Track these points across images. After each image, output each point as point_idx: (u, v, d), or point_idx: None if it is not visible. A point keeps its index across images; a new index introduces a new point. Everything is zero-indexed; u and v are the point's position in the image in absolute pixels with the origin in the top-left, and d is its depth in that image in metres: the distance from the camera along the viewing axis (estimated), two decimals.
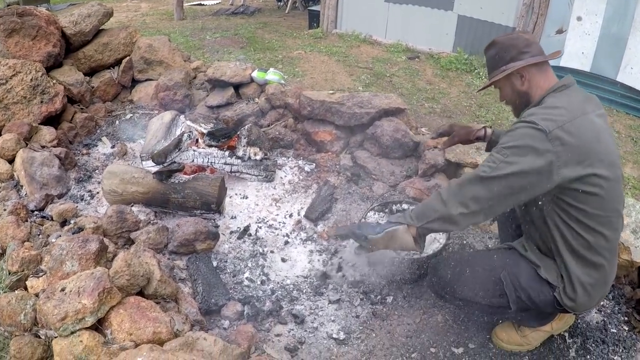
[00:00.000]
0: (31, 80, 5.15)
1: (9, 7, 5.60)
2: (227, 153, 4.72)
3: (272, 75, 5.70)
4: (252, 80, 5.75)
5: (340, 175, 4.92)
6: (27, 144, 4.73)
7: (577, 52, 6.84)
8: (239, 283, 3.68)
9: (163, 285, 3.14)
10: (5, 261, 3.31)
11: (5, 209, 3.93)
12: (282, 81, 5.75)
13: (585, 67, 6.83)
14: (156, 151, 4.44)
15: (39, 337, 2.78)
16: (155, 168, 4.34)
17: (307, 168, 5.09)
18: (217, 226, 4.20)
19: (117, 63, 6.28)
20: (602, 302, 3.54)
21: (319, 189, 4.65)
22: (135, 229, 3.89)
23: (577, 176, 2.51)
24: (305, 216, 4.39)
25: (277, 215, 4.45)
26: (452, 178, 4.61)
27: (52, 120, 5.27)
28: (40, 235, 3.75)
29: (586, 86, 6.57)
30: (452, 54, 8.24)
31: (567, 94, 2.71)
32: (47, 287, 2.81)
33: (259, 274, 3.78)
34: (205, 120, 5.42)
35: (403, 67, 7.61)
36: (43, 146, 4.82)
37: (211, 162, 4.67)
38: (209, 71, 5.83)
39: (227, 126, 5.24)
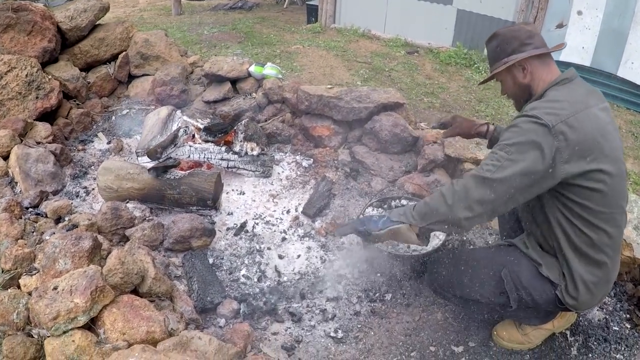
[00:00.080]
0: (26, 76, 5.10)
1: (4, 2, 5.54)
2: (223, 148, 4.68)
3: (269, 69, 5.65)
4: (249, 74, 5.69)
5: (339, 171, 4.87)
6: (22, 140, 4.68)
7: (577, 46, 6.80)
8: (235, 280, 3.64)
9: (158, 283, 3.09)
10: None
11: None
12: (280, 76, 5.70)
13: (586, 61, 6.79)
14: (151, 147, 4.38)
15: (32, 336, 2.72)
16: (151, 164, 4.30)
17: (304, 163, 5.04)
18: (213, 222, 4.15)
19: (114, 58, 6.23)
20: (604, 300, 3.50)
21: (316, 185, 4.61)
22: (130, 226, 3.84)
23: (581, 171, 2.46)
24: (303, 212, 4.35)
25: (274, 211, 4.41)
26: (452, 173, 4.59)
27: (47, 116, 5.22)
28: (34, 233, 3.69)
29: (586, 81, 6.46)
30: (452, 48, 8.19)
31: (569, 87, 2.66)
32: (39, 286, 2.76)
33: (256, 271, 3.73)
34: (202, 116, 5.35)
35: (402, 62, 7.56)
36: (38, 142, 4.77)
37: (207, 158, 4.62)
38: (205, 66, 5.77)
39: (224, 121, 5.18)
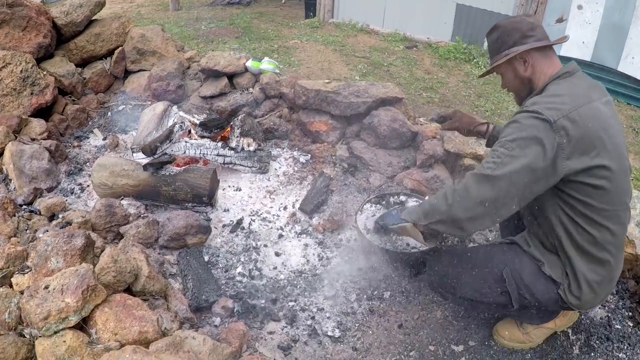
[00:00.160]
0: (21, 71, 5.05)
1: None
2: (220, 144, 4.62)
3: (266, 64, 5.59)
4: (246, 69, 5.63)
5: (336, 167, 4.82)
6: (16, 136, 4.64)
7: (577, 41, 6.76)
8: (231, 278, 3.59)
9: (151, 282, 3.05)
10: None
11: None
12: (277, 70, 5.64)
13: (586, 56, 6.75)
14: (146, 143, 4.32)
15: (24, 336, 2.67)
16: (146, 160, 4.24)
17: (302, 159, 4.98)
18: (209, 219, 4.10)
19: (110, 54, 6.16)
20: (607, 298, 3.45)
21: (314, 181, 4.56)
22: (124, 223, 3.81)
23: (584, 167, 2.40)
24: (300, 208, 4.30)
25: (271, 207, 4.36)
26: (452, 169, 4.56)
27: (42, 113, 5.17)
28: (27, 230, 3.68)
29: None
30: (451, 43, 8.14)
31: (571, 81, 2.60)
32: (31, 285, 2.72)
33: (252, 269, 3.68)
34: (198, 111, 5.32)
35: (401, 57, 7.51)
36: (33, 139, 4.73)
37: (203, 154, 4.56)
38: (202, 61, 5.72)
39: (220, 117, 5.13)
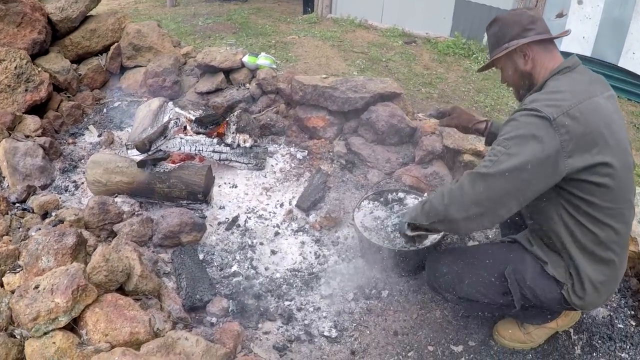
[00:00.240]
0: (15, 68, 5.00)
1: None
2: (215, 140, 4.56)
3: (263, 59, 5.53)
4: (242, 65, 5.59)
5: (334, 163, 4.77)
6: (10, 133, 4.60)
7: (578, 36, 6.72)
8: (226, 277, 3.53)
9: (144, 281, 3.00)
10: None
11: None
12: (274, 66, 5.58)
13: (586, 51, 6.72)
14: (140, 139, 4.27)
15: (14, 337, 2.62)
16: (141, 157, 4.19)
17: (299, 155, 4.93)
18: (204, 217, 4.05)
19: (105, 50, 6.13)
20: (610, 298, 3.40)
21: (311, 177, 4.51)
22: (118, 221, 3.75)
23: (586, 165, 2.33)
24: (297, 206, 4.25)
25: (267, 205, 4.31)
26: (451, 165, 4.51)
27: (37, 109, 5.13)
28: (20, 229, 3.63)
29: None
30: (450, 38, 8.10)
31: (571, 76, 2.54)
32: (22, 284, 2.68)
33: (247, 267, 3.63)
34: (194, 107, 5.27)
35: (399, 52, 7.47)
36: (27, 136, 4.69)
37: (199, 150, 4.50)
38: (198, 56, 5.68)
39: (217, 113, 5.07)
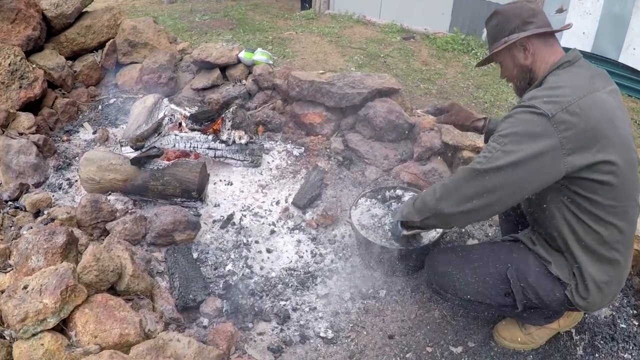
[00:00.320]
0: (9, 65, 4.97)
1: None
2: (210, 137, 4.51)
3: (259, 55, 5.48)
4: (239, 61, 5.54)
5: (331, 160, 4.72)
6: (3, 131, 4.57)
7: (578, 32, 6.68)
8: (220, 276, 3.48)
9: (136, 281, 2.95)
10: None
11: None
12: (270, 61, 5.52)
13: (586, 47, 6.67)
14: (133, 136, 4.21)
15: (4, 337, 2.56)
16: (135, 154, 4.12)
17: (295, 152, 4.88)
18: (198, 215, 3.99)
19: (101, 46, 6.08)
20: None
21: (308, 174, 4.46)
22: (111, 219, 3.70)
23: (587, 164, 2.27)
24: (293, 203, 4.19)
25: (263, 202, 4.25)
26: (450, 162, 4.45)
27: (32, 106, 5.09)
28: (12, 227, 3.58)
29: None
30: (449, 34, 8.07)
31: (571, 71, 2.47)
32: (11, 284, 2.63)
33: (242, 266, 3.57)
34: (190, 103, 5.21)
35: (398, 48, 7.42)
36: (21, 133, 4.65)
37: (194, 147, 4.45)
38: (194, 52, 5.63)
39: (212, 109, 5.01)
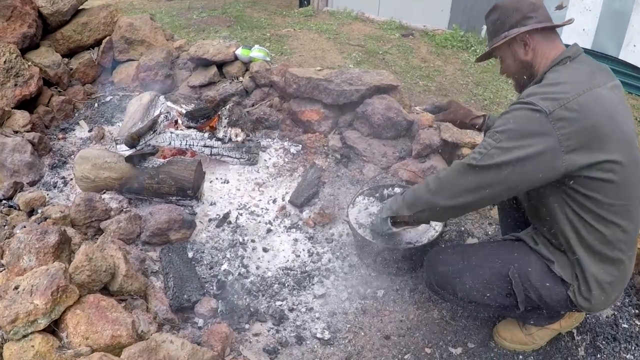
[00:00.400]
0: (5, 62, 4.94)
1: None
2: (206, 135, 4.46)
3: (256, 52, 5.44)
4: (236, 58, 5.51)
5: (329, 157, 4.68)
6: None
7: (578, 28, 6.65)
8: (215, 276, 3.43)
9: (129, 281, 2.91)
10: None
11: None
12: (267, 58, 5.49)
13: (587, 44, 6.64)
14: (128, 134, 4.17)
15: None
16: (130, 152, 4.08)
17: (293, 150, 4.83)
18: (194, 214, 3.94)
19: (97, 44, 6.07)
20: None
21: (305, 172, 4.41)
22: (105, 218, 3.65)
23: (587, 163, 2.23)
24: (290, 201, 4.14)
25: (259, 200, 4.20)
26: (449, 159, 4.41)
27: (27, 104, 5.07)
28: (5, 227, 3.55)
29: None
30: (448, 31, 8.07)
31: (571, 67, 2.43)
32: (2, 285, 2.59)
33: (238, 266, 3.52)
34: (187, 101, 5.19)
35: (396, 45, 7.40)
36: (16, 131, 4.63)
37: (190, 145, 4.40)
38: (191, 50, 5.60)
39: (209, 106, 4.98)
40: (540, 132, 2.21)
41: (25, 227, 3.40)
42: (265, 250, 3.69)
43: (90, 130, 5.16)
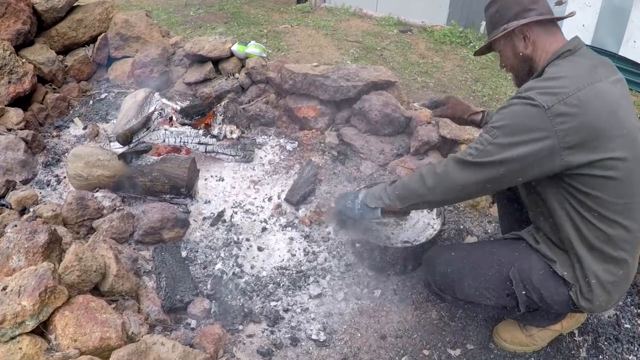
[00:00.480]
0: None
1: None
2: (201, 132, 4.40)
3: (252, 48, 5.38)
4: (232, 54, 5.45)
5: (325, 154, 4.63)
6: None
7: (577, 24, 6.60)
8: (209, 276, 3.38)
9: (120, 281, 2.86)
10: None
11: None
12: (264, 54, 5.43)
13: (586, 40, 6.59)
14: (121, 131, 4.12)
15: None
16: (123, 149, 4.04)
17: (289, 147, 4.78)
18: (188, 212, 3.89)
19: (93, 40, 6.02)
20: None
21: (301, 170, 4.36)
22: (97, 217, 3.60)
23: (587, 161, 2.18)
24: (286, 199, 4.09)
25: (254, 198, 4.15)
26: (447, 156, 4.33)
27: (21, 102, 5.02)
28: None
29: None
30: (446, 26, 7.99)
31: (572, 60, 2.38)
32: None
33: (232, 265, 3.47)
34: (182, 98, 5.13)
35: (394, 41, 7.34)
36: (9, 129, 4.59)
37: (184, 142, 4.34)
38: (186, 46, 5.54)
39: (204, 103, 4.92)
40: (538, 128, 2.16)
41: (16, 226, 3.35)
42: (260, 249, 3.64)
43: (84, 128, 5.12)
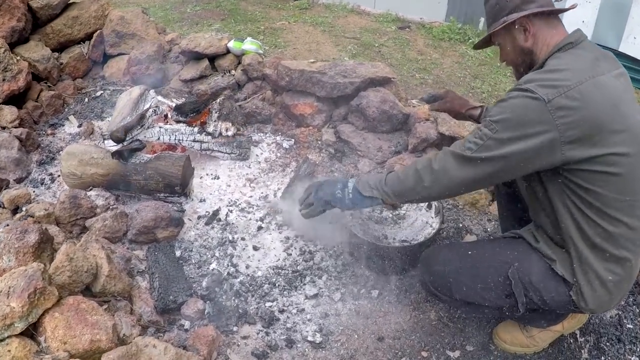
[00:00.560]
0: None
1: None
2: (196, 129, 4.36)
3: (249, 44, 5.34)
4: (228, 51, 5.41)
5: (322, 152, 4.60)
6: None
7: (577, 20, 6.56)
8: (203, 276, 3.33)
9: (112, 281, 2.81)
10: None
11: None
12: (260, 51, 5.39)
13: None
14: (115, 129, 4.07)
15: None
16: (117, 147, 3.99)
17: (285, 144, 4.75)
18: (182, 211, 3.84)
19: (88, 38, 6.00)
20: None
21: (298, 167, 4.29)
22: (91, 216, 3.56)
23: (588, 156, 2.13)
24: (282, 198, 4.00)
25: (250, 197, 4.10)
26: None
27: (16, 99, 4.99)
28: None
29: None
30: (445, 23, 7.97)
31: (574, 53, 2.33)
32: None
33: (227, 265, 3.42)
34: (177, 95, 5.09)
35: (393, 37, 7.31)
36: (3, 127, 4.57)
37: (179, 140, 4.31)
38: (182, 43, 5.50)
39: (198, 100, 4.88)
40: (538, 122, 2.12)
41: (8, 225, 3.31)
42: (255, 248, 3.59)
43: (79, 126, 5.08)
